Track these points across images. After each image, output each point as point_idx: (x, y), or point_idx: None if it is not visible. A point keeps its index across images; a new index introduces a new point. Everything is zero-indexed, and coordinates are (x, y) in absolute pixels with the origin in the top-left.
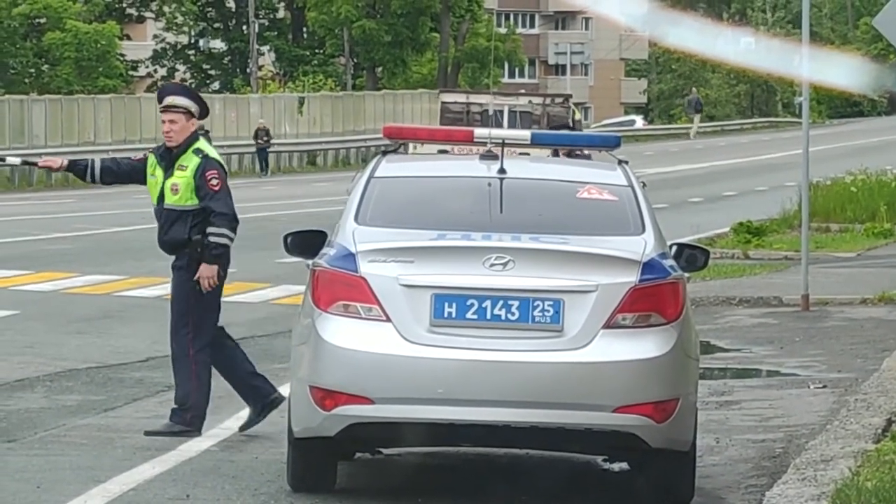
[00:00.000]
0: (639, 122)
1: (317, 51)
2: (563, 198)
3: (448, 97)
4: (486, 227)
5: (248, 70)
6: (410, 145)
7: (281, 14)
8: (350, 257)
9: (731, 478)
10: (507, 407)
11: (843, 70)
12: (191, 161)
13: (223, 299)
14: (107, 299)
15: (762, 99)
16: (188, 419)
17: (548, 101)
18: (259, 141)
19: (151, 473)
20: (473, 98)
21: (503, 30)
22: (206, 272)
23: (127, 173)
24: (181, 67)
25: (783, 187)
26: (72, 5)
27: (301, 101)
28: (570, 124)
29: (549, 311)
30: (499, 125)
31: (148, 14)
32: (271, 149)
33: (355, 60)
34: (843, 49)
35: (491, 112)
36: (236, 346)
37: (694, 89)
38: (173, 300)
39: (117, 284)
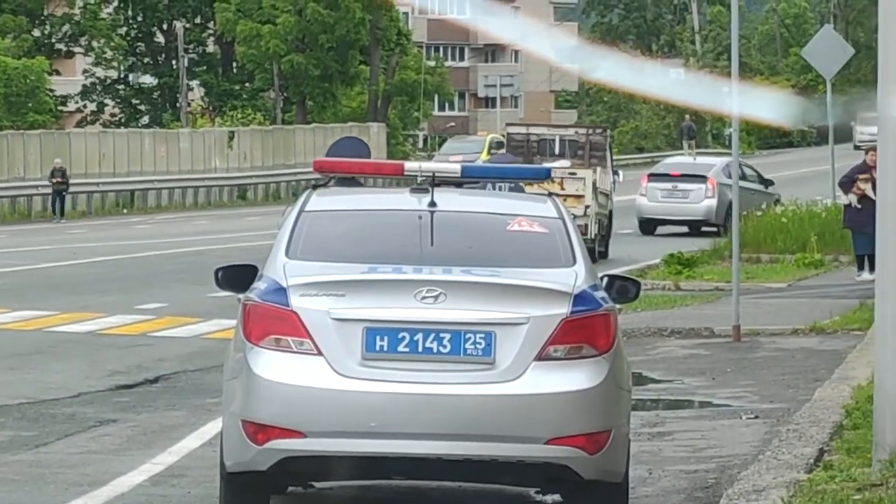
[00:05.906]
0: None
1: (246, 85)
2: (493, 230)
3: (512, 129)
4: (418, 260)
5: (177, 105)
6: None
7: (210, 49)
8: (281, 291)
9: None
10: (439, 440)
11: (771, 104)
12: None
13: (157, 334)
14: (38, 335)
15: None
16: None
17: (590, 131)
18: (54, 181)
19: None
20: (532, 129)
21: (432, 63)
22: None
23: None
24: (110, 102)
25: None
26: (0, 41)
27: (231, 136)
28: (608, 150)
29: (480, 343)
30: (552, 152)
31: (77, 49)
32: (68, 191)
33: (285, 94)
34: (772, 80)
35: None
36: None
37: (687, 116)
38: None
39: (49, 320)
